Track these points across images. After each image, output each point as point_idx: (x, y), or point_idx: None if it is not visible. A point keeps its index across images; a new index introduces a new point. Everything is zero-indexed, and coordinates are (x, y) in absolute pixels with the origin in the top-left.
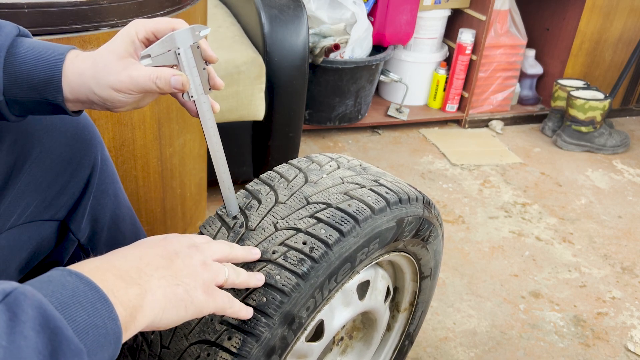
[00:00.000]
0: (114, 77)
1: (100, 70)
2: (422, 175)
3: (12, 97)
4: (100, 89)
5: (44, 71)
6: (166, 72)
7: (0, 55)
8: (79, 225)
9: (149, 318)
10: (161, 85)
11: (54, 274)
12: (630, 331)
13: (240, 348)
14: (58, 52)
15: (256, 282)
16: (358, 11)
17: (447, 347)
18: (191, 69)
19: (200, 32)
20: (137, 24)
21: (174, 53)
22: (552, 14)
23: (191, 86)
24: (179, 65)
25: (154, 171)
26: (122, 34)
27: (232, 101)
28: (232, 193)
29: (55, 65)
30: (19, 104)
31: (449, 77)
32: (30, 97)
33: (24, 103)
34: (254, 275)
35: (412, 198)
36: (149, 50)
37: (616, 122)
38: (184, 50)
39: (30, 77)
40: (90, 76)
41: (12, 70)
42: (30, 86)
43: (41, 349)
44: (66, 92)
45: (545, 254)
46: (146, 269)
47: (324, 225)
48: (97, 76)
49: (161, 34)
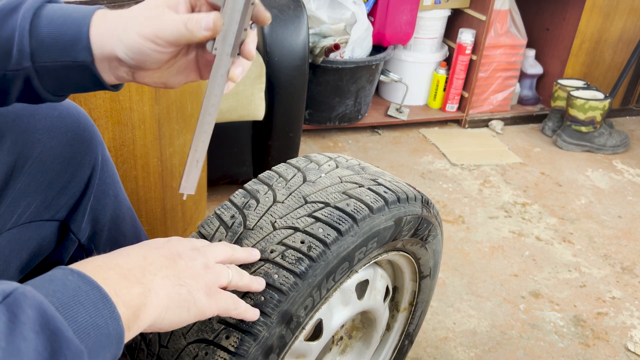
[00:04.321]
0: (143, 22)
1: (130, 19)
2: (422, 175)
3: (41, 63)
4: (128, 36)
5: (70, 29)
6: (199, 15)
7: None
8: (80, 226)
9: (152, 317)
10: (191, 26)
11: (56, 273)
12: (630, 331)
13: (238, 347)
14: (85, 10)
15: (257, 286)
16: (358, 11)
17: (447, 347)
18: (233, 17)
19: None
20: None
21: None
22: (552, 14)
23: (221, 35)
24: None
25: (154, 171)
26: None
27: (232, 101)
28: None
29: (83, 21)
30: (49, 74)
31: (449, 77)
32: (58, 60)
33: (54, 70)
34: (256, 279)
35: (410, 197)
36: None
37: (616, 122)
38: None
39: (57, 37)
40: (119, 25)
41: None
42: (58, 48)
43: (41, 350)
44: (95, 47)
45: (545, 254)
46: (150, 268)
47: (322, 225)
48: (126, 24)
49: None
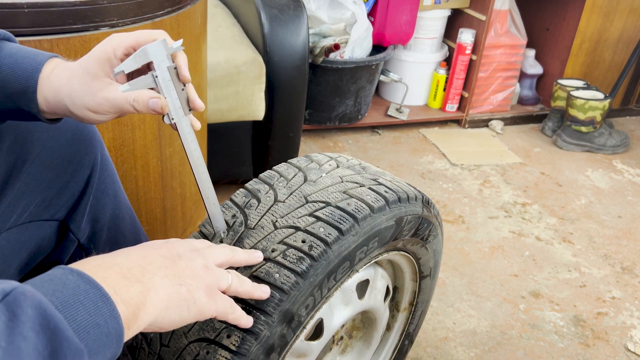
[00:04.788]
0: (90, 98)
1: (76, 89)
2: (422, 175)
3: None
4: (76, 108)
5: (19, 81)
6: (144, 95)
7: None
8: (79, 225)
9: (152, 316)
10: (139, 107)
11: (55, 272)
12: (630, 331)
13: (239, 346)
14: (35, 61)
15: (261, 294)
16: (358, 11)
17: (447, 347)
18: (169, 91)
19: (173, 45)
20: (113, 41)
21: (152, 76)
22: (552, 14)
23: (170, 109)
24: (157, 88)
25: (154, 171)
26: (98, 51)
27: (232, 101)
28: (218, 209)
29: (31, 75)
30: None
31: (449, 77)
32: (4, 105)
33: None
34: (259, 287)
35: (411, 197)
36: (122, 66)
37: (616, 122)
38: (160, 72)
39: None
40: (66, 94)
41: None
42: (5, 95)
43: (41, 350)
44: (42, 104)
45: (545, 254)
46: (149, 268)
47: (323, 224)
48: (72, 95)
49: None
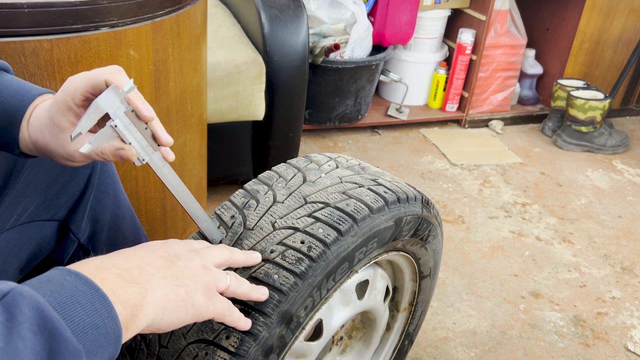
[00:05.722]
0: (62, 150)
1: (49, 142)
2: (422, 175)
3: None
4: (55, 157)
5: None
6: (108, 148)
7: None
8: (79, 225)
9: (150, 317)
10: (108, 159)
11: (53, 273)
12: (630, 331)
13: (238, 347)
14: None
15: (259, 295)
16: (358, 11)
17: (447, 347)
18: (133, 134)
19: (125, 88)
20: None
21: (110, 127)
22: (552, 14)
23: (139, 151)
24: (120, 137)
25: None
26: (59, 99)
27: (232, 101)
28: (210, 223)
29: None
30: None
31: (449, 77)
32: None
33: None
34: (258, 288)
35: (410, 197)
36: (78, 128)
37: (616, 122)
38: (119, 120)
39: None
40: (43, 145)
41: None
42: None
43: (39, 350)
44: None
45: (545, 254)
46: (147, 269)
47: (322, 225)
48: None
49: (97, 88)
